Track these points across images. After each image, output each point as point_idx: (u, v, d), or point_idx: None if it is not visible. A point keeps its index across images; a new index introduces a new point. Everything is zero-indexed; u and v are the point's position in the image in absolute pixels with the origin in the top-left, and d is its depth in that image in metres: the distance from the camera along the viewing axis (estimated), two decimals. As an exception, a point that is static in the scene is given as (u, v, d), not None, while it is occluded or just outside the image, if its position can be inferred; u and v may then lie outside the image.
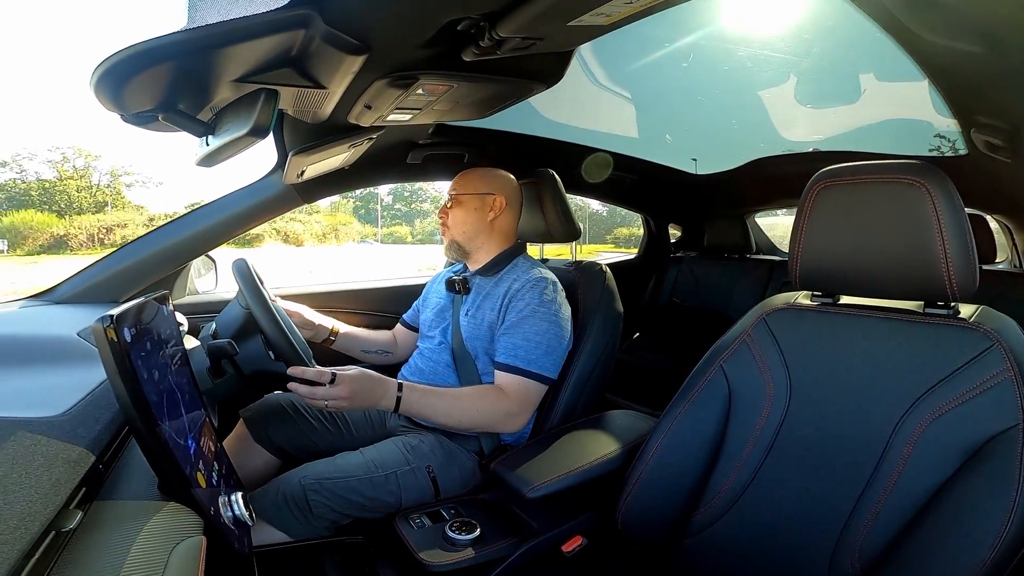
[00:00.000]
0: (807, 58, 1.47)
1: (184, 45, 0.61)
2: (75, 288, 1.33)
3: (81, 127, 63.53)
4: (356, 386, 1.00)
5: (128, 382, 0.49)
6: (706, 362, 0.95)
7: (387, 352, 1.54)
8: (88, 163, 32.87)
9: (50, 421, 0.59)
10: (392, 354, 1.55)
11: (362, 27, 0.69)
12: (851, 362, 0.82)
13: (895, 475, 0.73)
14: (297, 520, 1.01)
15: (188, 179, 58.26)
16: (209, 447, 0.71)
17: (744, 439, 0.89)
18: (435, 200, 43.42)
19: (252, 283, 1.08)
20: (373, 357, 1.52)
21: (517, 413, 1.16)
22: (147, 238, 1.39)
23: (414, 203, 46.39)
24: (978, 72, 0.99)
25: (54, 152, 34.73)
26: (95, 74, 0.62)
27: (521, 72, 0.94)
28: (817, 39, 1.35)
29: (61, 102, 69.45)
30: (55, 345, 0.92)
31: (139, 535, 0.46)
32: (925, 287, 0.76)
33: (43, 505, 0.43)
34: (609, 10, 0.67)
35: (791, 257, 0.88)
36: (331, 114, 1.00)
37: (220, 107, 0.82)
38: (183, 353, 0.80)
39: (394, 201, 46.94)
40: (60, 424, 0.59)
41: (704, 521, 0.90)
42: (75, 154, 32.98)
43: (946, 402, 0.72)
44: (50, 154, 34.58)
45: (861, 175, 0.80)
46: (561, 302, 1.25)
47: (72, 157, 32.54)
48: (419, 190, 44.66)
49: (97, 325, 0.49)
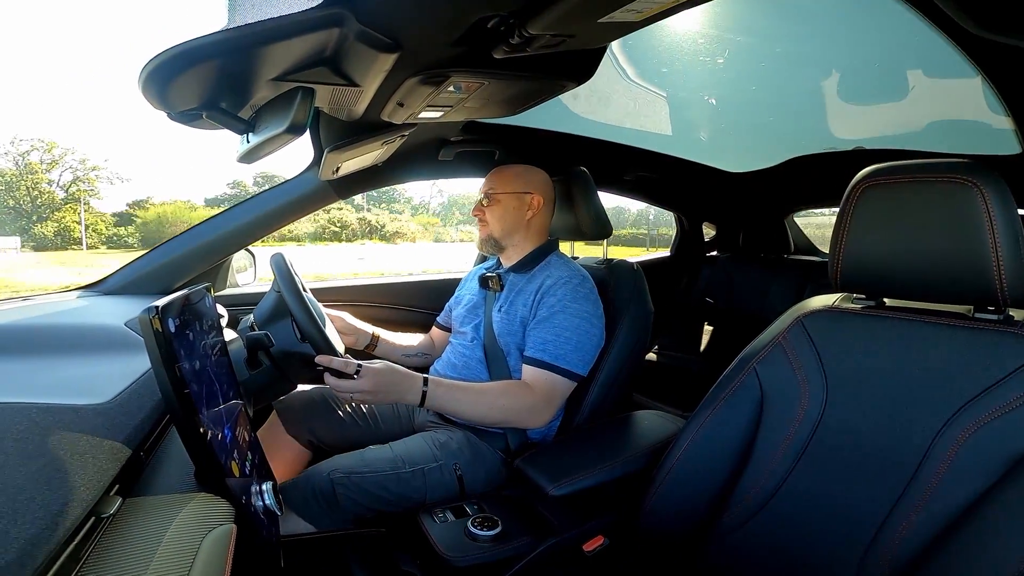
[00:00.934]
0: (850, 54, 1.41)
1: (226, 44, 0.63)
2: (124, 280, 1.39)
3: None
4: (380, 379, 1.02)
5: (171, 371, 0.51)
6: (739, 364, 0.93)
7: (427, 355, 1.56)
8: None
9: (96, 408, 0.61)
10: (432, 356, 1.57)
11: (394, 25, 0.70)
12: (893, 367, 0.79)
13: (934, 483, 0.70)
14: (324, 512, 1.03)
15: (157, 175, 60.31)
16: (244, 437, 0.74)
17: (776, 443, 0.86)
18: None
19: (288, 275, 1.11)
20: (415, 360, 1.53)
21: (543, 408, 1.16)
22: (191, 232, 1.45)
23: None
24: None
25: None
26: (142, 74, 0.65)
27: (551, 69, 0.94)
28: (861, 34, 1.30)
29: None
30: (103, 334, 0.97)
31: (173, 522, 0.47)
32: (975, 290, 0.73)
33: (85, 491, 0.45)
34: (640, 6, 0.66)
35: (832, 258, 0.85)
36: (365, 112, 1.02)
37: (259, 105, 0.84)
38: (223, 344, 0.83)
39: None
40: (106, 412, 0.62)
41: (731, 524, 0.88)
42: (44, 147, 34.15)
43: (992, 410, 0.68)
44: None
45: (909, 174, 0.77)
46: (594, 300, 1.25)
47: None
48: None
49: (143, 315, 0.51)
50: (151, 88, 0.68)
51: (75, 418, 0.57)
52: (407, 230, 42.82)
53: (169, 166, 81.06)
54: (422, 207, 55.33)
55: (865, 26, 1.25)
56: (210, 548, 0.44)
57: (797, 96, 1.74)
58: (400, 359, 1.51)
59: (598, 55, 0.96)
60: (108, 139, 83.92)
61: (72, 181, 35.37)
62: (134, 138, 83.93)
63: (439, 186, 53.33)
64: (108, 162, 42.05)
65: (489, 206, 1.35)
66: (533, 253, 1.36)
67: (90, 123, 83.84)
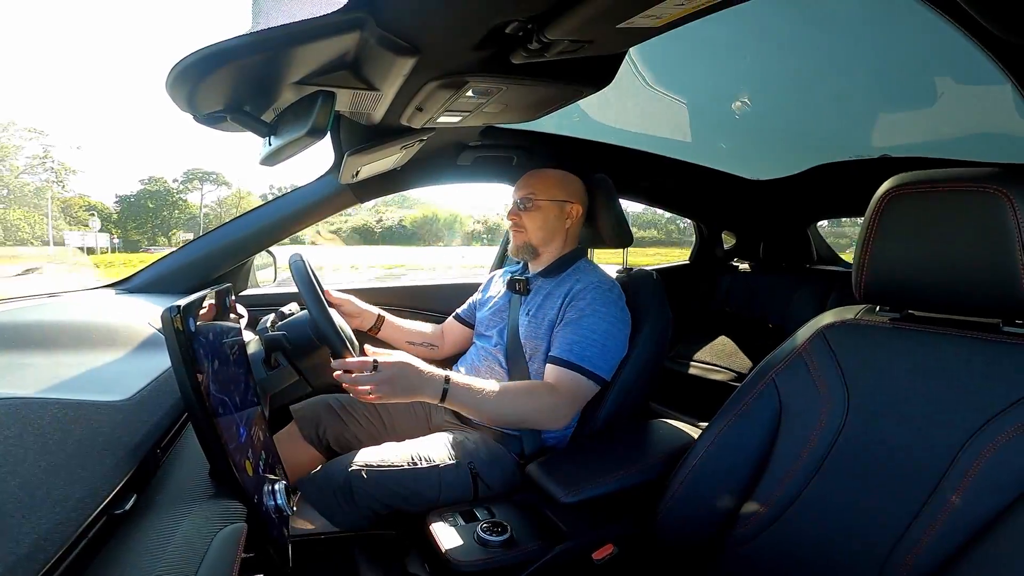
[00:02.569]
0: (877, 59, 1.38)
1: (250, 47, 0.64)
2: (148, 278, 1.42)
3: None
4: (397, 371, 0.99)
5: (190, 369, 0.52)
6: (758, 374, 0.92)
7: (433, 345, 1.56)
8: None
9: (116, 405, 0.62)
10: (438, 348, 1.57)
11: (413, 30, 0.70)
12: (917, 380, 0.76)
13: (955, 498, 0.68)
14: (339, 507, 1.04)
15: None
16: (259, 436, 0.75)
17: (794, 455, 0.85)
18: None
19: (305, 276, 1.12)
20: (418, 349, 1.54)
21: (564, 409, 1.14)
22: (214, 234, 1.48)
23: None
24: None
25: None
26: (170, 76, 0.66)
27: (570, 75, 0.93)
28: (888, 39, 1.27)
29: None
30: (127, 332, 0.99)
31: (186, 519, 0.48)
32: (1003, 303, 0.70)
33: (101, 488, 0.46)
34: (660, 12, 0.65)
35: (856, 269, 0.83)
36: (384, 116, 1.03)
37: (282, 108, 0.85)
38: (242, 344, 0.84)
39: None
40: (126, 408, 0.63)
41: (745, 535, 0.87)
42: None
43: (1018, 425, 0.66)
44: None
45: (937, 183, 0.75)
46: (622, 306, 1.25)
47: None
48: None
49: (165, 314, 0.52)
50: (179, 90, 0.69)
51: (95, 414, 0.58)
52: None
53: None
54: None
55: (892, 31, 1.22)
56: (220, 547, 0.45)
57: (822, 103, 1.70)
58: (404, 346, 1.52)
59: (617, 61, 0.96)
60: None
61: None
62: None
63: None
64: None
65: (528, 212, 1.34)
66: (563, 258, 1.36)
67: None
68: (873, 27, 1.26)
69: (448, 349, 1.58)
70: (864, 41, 1.33)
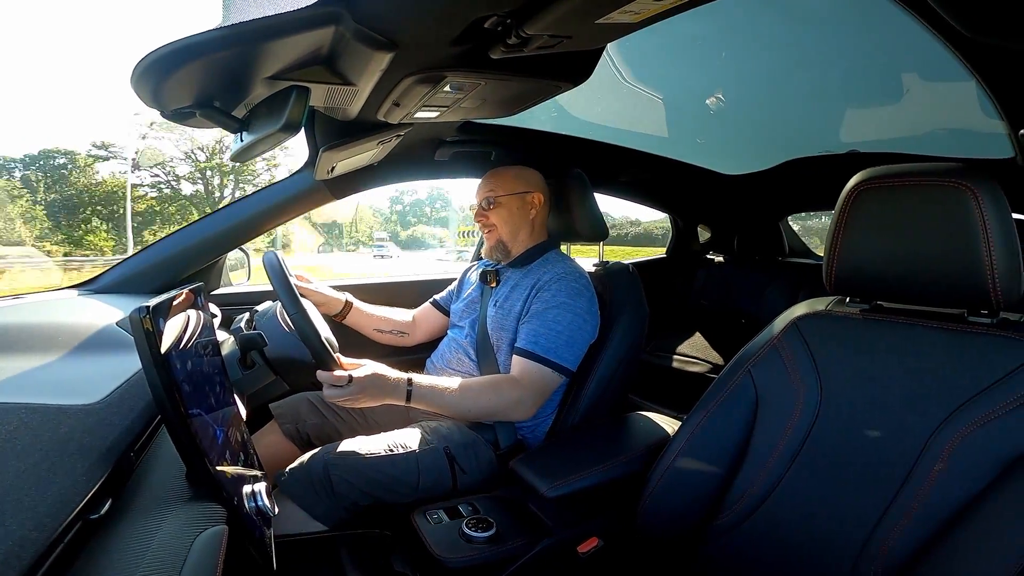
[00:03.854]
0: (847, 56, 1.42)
1: (221, 42, 0.62)
2: (116, 278, 1.38)
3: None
4: (367, 383, 1.05)
5: (161, 371, 0.50)
6: (734, 366, 0.94)
7: (403, 333, 1.56)
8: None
9: (86, 409, 0.61)
10: (409, 335, 1.57)
11: (390, 25, 0.69)
12: (887, 369, 0.79)
13: (927, 485, 0.71)
14: (319, 499, 1.04)
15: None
16: (236, 437, 0.73)
17: (770, 445, 0.87)
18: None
19: (281, 274, 1.10)
20: (387, 337, 1.54)
21: (529, 401, 1.16)
22: (185, 231, 1.44)
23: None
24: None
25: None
26: (136, 71, 0.64)
27: (548, 70, 0.94)
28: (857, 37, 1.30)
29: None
30: (94, 334, 0.96)
31: (164, 523, 0.47)
32: (968, 294, 0.73)
33: (75, 493, 0.45)
34: (638, 7, 0.66)
35: (827, 261, 0.85)
36: (360, 111, 1.02)
37: (254, 104, 0.84)
38: (215, 344, 0.82)
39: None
40: (96, 412, 0.61)
41: (725, 526, 0.88)
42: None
43: (985, 413, 0.69)
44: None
45: (903, 178, 0.77)
46: (589, 297, 1.26)
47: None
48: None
49: (134, 315, 0.50)
50: (144, 86, 0.67)
51: (65, 419, 0.56)
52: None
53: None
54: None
55: (862, 28, 1.26)
56: (201, 550, 0.44)
57: (793, 98, 1.74)
58: (372, 334, 1.52)
59: (595, 56, 0.96)
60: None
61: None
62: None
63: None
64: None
65: (493, 209, 1.37)
66: (532, 250, 1.38)
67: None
68: (845, 25, 1.29)
69: (421, 336, 1.58)
70: (835, 38, 1.36)
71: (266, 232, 1.53)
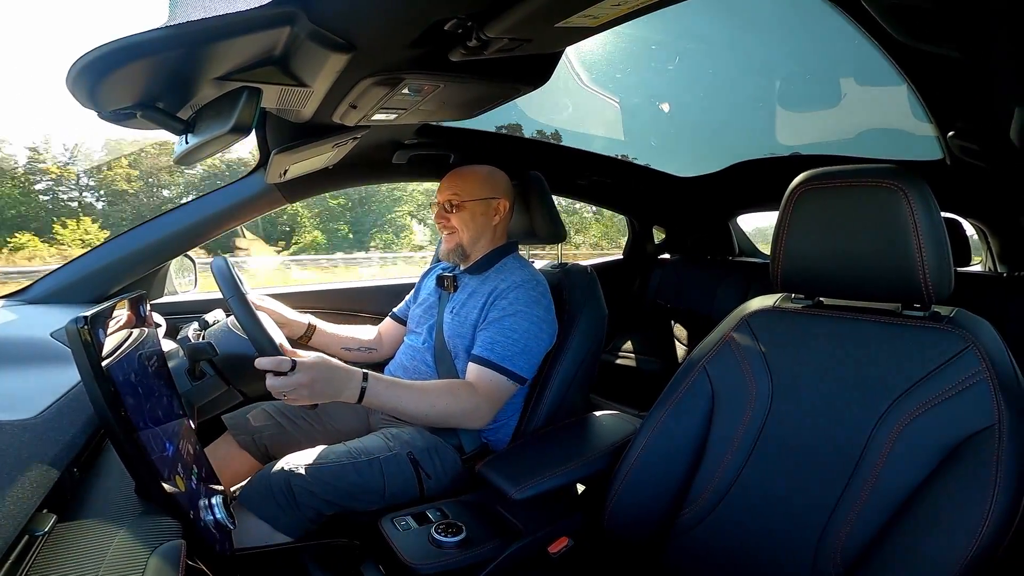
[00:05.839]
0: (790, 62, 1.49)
1: (165, 42, 0.59)
2: (49, 288, 1.29)
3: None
4: (315, 373, 0.95)
5: (102, 384, 0.48)
6: (689, 364, 0.96)
7: (371, 349, 1.52)
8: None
9: (23, 424, 0.57)
10: (377, 351, 1.53)
11: (348, 26, 0.68)
12: (831, 363, 0.83)
13: (874, 475, 0.74)
14: (282, 510, 0.99)
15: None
16: (188, 450, 0.70)
17: (727, 440, 0.89)
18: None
19: (230, 280, 1.05)
20: (356, 355, 1.49)
21: (484, 408, 1.14)
22: (124, 237, 1.36)
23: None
24: (956, 77, 1.01)
25: None
26: (72, 70, 0.61)
27: (508, 73, 0.94)
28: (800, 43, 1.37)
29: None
30: (27, 346, 0.90)
31: (116, 539, 0.45)
32: (902, 289, 0.78)
33: (15, 508, 0.42)
34: (597, 12, 0.67)
35: (773, 260, 0.89)
36: (315, 113, 0.99)
37: (201, 105, 0.80)
38: (160, 355, 0.79)
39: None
40: (33, 427, 0.57)
41: (689, 522, 0.91)
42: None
43: (923, 402, 0.73)
44: None
45: (840, 179, 0.82)
46: (546, 305, 1.25)
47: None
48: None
49: (71, 326, 0.48)
50: (81, 85, 0.63)
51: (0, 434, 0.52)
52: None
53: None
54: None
55: (805, 35, 1.32)
56: (158, 565, 0.42)
57: (741, 102, 1.82)
58: (339, 352, 1.45)
59: (554, 60, 0.97)
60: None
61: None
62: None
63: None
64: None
65: (455, 212, 1.31)
66: (490, 255, 1.35)
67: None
68: (789, 31, 1.35)
69: (387, 350, 1.55)
70: (780, 45, 1.43)
71: (214, 238, 1.46)
